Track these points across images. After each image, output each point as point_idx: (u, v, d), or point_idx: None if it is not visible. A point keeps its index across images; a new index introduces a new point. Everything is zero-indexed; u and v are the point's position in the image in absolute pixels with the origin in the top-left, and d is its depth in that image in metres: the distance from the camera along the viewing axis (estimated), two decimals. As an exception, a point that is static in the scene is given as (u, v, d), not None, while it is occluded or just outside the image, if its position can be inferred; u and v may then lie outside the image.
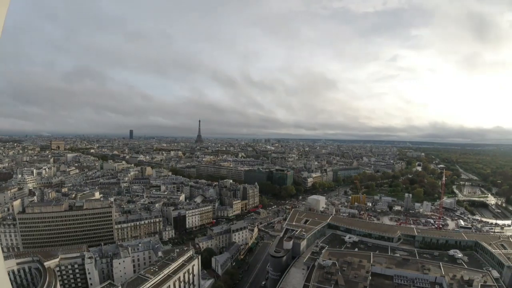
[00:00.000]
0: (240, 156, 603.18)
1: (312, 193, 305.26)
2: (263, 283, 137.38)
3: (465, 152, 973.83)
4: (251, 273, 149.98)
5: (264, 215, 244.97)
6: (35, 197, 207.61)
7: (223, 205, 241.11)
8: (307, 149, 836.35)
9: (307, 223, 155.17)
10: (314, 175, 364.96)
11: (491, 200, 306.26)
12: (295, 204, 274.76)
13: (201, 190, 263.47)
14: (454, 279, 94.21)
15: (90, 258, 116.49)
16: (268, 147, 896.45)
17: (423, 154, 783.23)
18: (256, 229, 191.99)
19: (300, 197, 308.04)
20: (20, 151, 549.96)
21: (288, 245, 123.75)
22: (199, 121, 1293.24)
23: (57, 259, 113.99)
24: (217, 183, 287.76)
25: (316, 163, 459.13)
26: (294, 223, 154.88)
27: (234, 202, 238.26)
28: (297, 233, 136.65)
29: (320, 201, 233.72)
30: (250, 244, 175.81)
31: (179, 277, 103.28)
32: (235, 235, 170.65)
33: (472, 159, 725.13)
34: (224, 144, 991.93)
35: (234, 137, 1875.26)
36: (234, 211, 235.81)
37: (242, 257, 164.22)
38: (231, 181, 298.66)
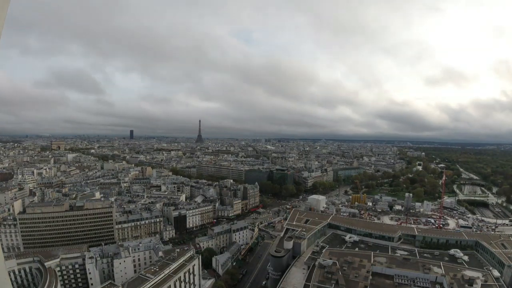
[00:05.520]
0: (240, 156, 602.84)
1: (312, 192, 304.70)
2: (263, 283, 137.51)
3: (465, 151, 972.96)
4: (251, 273, 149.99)
5: (265, 215, 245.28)
6: (35, 197, 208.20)
7: (224, 205, 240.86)
8: (307, 148, 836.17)
9: (308, 222, 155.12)
10: (314, 174, 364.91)
11: (492, 199, 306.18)
12: (296, 204, 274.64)
13: (202, 190, 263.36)
14: (454, 278, 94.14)
15: (90, 258, 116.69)
16: (269, 147, 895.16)
17: (423, 153, 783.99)
18: (256, 229, 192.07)
19: (301, 197, 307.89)
20: (21, 152, 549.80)
21: (289, 244, 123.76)
22: (199, 121, 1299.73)
23: (58, 259, 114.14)
24: (217, 183, 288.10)
25: (316, 162, 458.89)
26: (294, 223, 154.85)
27: (234, 202, 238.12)
28: (297, 232, 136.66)
29: (320, 200, 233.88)
30: (250, 244, 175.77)
31: (180, 277, 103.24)
32: (235, 235, 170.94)
33: (473, 158, 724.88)
34: (225, 144, 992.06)
35: (234, 137, 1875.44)
36: (235, 211, 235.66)
37: (242, 257, 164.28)
38: (231, 181, 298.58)
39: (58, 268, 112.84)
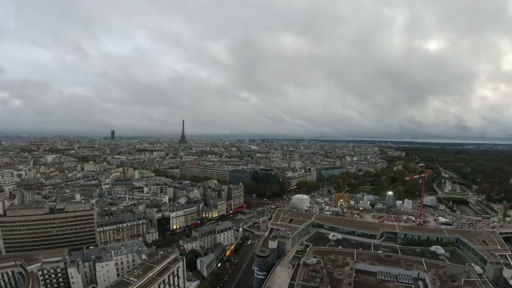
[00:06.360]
0: (224, 156, 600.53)
1: (296, 192, 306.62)
2: (248, 283, 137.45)
3: (444, 151, 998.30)
4: (236, 274, 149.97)
5: (249, 215, 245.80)
6: (15, 199, 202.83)
7: (208, 205, 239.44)
8: (291, 149, 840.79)
9: (292, 222, 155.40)
10: (298, 174, 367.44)
11: (472, 197, 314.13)
12: (280, 204, 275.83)
13: (185, 191, 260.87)
14: (436, 274, 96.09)
15: (72, 262, 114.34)
16: (253, 147, 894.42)
17: (403, 153, 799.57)
18: (241, 229, 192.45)
19: (285, 197, 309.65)
20: (0, 152, 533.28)
21: (273, 244, 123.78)
22: (183, 121, 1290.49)
23: (39, 263, 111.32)
24: (201, 183, 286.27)
25: (300, 162, 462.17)
26: (279, 223, 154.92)
27: (218, 203, 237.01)
28: (282, 232, 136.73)
29: (304, 200, 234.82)
30: (235, 244, 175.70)
31: (164, 279, 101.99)
32: (220, 236, 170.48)
33: (452, 158, 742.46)
34: (208, 145, 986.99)
35: (219, 137, 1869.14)
36: (219, 212, 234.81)
37: (227, 257, 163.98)
38: (215, 181, 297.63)
39: (40, 273, 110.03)
